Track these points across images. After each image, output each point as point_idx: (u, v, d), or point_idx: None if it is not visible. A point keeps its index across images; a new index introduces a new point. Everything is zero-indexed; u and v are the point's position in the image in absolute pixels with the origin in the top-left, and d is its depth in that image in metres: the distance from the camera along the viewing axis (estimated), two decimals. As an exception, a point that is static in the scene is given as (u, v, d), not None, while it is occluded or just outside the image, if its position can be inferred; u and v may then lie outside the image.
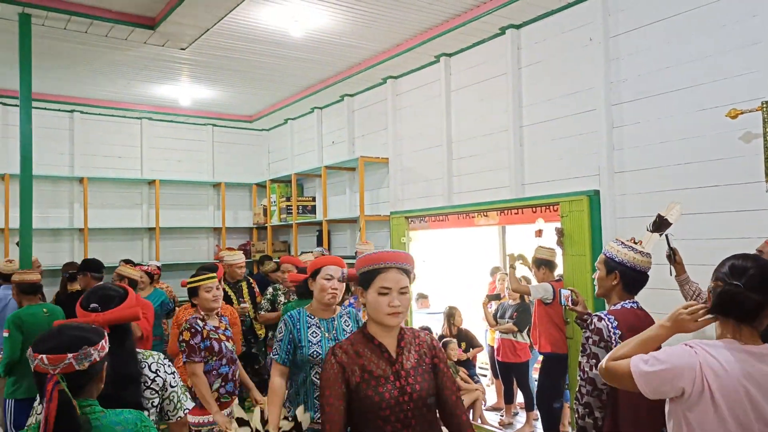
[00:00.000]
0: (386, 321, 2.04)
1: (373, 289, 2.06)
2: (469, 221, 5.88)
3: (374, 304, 2.05)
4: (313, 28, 5.41)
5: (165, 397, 2.32)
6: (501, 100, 5.48)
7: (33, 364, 1.68)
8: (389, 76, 6.76)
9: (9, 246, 7.04)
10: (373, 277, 2.06)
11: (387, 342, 2.10)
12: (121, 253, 7.79)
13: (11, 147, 7.21)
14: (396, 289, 2.03)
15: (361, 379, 2.02)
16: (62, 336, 1.73)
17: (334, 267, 3.01)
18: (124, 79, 7.02)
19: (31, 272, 4.32)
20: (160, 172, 8.54)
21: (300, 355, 2.86)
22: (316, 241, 8.04)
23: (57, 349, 1.68)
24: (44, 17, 5.01)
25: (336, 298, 2.99)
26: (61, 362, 1.65)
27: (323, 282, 2.97)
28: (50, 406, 1.59)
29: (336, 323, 3.01)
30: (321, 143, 8.19)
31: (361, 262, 2.13)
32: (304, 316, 2.98)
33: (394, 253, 2.12)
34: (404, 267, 2.09)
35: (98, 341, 1.77)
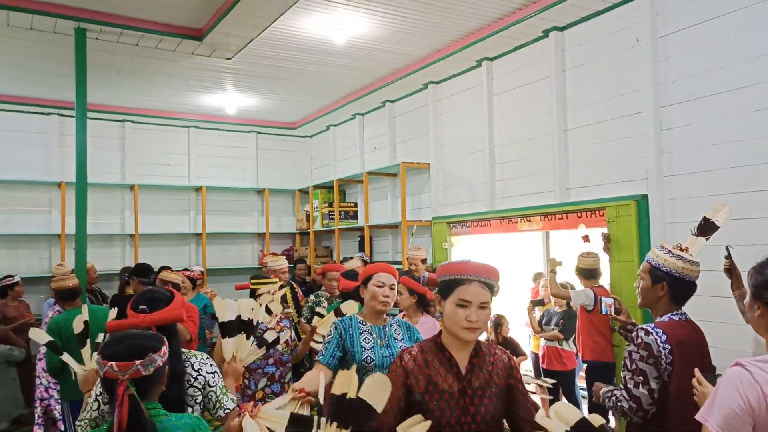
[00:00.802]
0: (461, 335, 1.93)
1: (451, 300, 1.94)
2: (511, 227, 5.81)
3: (451, 315, 1.94)
4: (356, 35, 5.46)
5: (205, 395, 2.41)
6: (544, 103, 5.40)
7: (102, 370, 1.76)
8: (430, 81, 6.76)
9: (66, 251, 7.35)
10: (453, 288, 1.95)
11: (459, 356, 1.98)
12: (169, 259, 8.01)
13: (67, 156, 7.54)
14: (476, 304, 1.92)
15: (425, 390, 1.93)
16: (128, 343, 1.81)
17: (386, 274, 2.97)
18: (172, 89, 7.25)
19: (68, 278, 4.41)
20: (207, 179, 8.77)
21: (353, 361, 2.81)
22: (358, 247, 8.08)
23: (124, 356, 1.76)
24: (98, 31, 5.23)
25: (387, 306, 2.93)
26: (129, 369, 1.74)
27: (375, 289, 2.93)
28: (122, 410, 1.68)
29: (388, 331, 2.96)
30: (363, 149, 8.24)
31: (443, 270, 2.02)
32: (356, 322, 2.95)
33: (480, 265, 1.99)
34: (488, 281, 1.96)
35: (160, 348, 1.86)
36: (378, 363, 2.81)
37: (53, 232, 7.55)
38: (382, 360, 2.82)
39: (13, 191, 7.48)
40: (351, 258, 6.54)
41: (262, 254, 8.87)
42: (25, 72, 6.44)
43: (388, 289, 2.92)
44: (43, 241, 7.62)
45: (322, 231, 8.55)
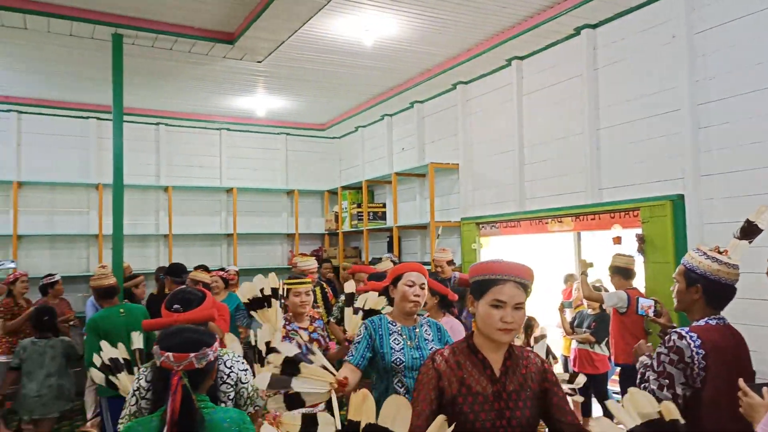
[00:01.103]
0: (495, 336, 1.87)
1: (485, 301, 1.89)
2: (542, 227, 5.74)
3: (485, 316, 1.88)
4: (384, 36, 5.48)
5: (237, 391, 2.49)
6: (576, 102, 5.33)
7: (158, 360, 1.86)
8: (459, 81, 6.73)
9: (103, 251, 7.54)
10: (487, 288, 1.90)
11: (492, 358, 1.92)
12: (202, 259, 8.14)
13: (105, 159, 7.74)
14: (511, 304, 1.86)
15: (458, 392, 1.86)
16: (185, 336, 1.93)
17: (416, 273, 2.91)
18: (204, 92, 7.38)
19: (106, 277, 4.53)
20: (238, 181, 8.89)
21: (382, 363, 2.76)
22: (387, 247, 8.09)
23: (181, 347, 1.87)
24: (134, 37, 5.36)
25: (418, 306, 2.87)
26: (184, 360, 1.86)
27: (405, 289, 2.86)
28: (175, 398, 1.78)
29: (418, 332, 2.88)
30: (391, 150, 8.26)
31: (476, 270, 1.97)
32: (386, 322, 2.88)
33: (514, 265, 1.94)
34: (523, 281, 1.91)
35: (213, 343, 1.96)
36: (408, 365, 2.75)
37: (91, 233, 7.76)
38: (411, 362, 2.76)
39: (54, 193, 7.72)
40: (380, 259, 6.56)
41: (291, 254, 8.96)
42: (65, 77, 6.64)
43: (419, 288, 2.87)
44: (82, 241, 7.83)
45: (350, 232, 8.59)
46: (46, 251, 7.60)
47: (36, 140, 7.68)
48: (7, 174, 7.40)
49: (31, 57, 5.95)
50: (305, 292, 3.75)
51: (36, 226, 7.55)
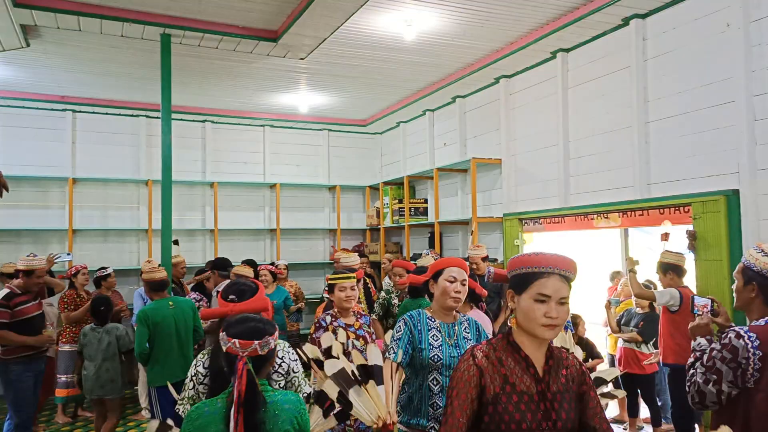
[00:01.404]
0: (539, 332, 1.78)
1: (528, 295, 1.80)
2: (587, 223, 5.62)
3: (528, 311, 1.79)
4: (426, 30, 5.45)
5: (288, 380, 2.65)
6: (624, 95, 5.18)
7: (225, 345, 2.00)
8: (502, 75, 6.64)
9: (152, 245, 7.80)
10: (530, 281, 1.80)
11: (535, 356, 1.83)
12: (246, 253, 8.32)
13: (154, 156, 7.99)
14: (555, 299, 1.77)
15: (501, 390, 1.77)
16: (250, 325, 2.05)
17: (457, 269, 2.86)
18: (249, 90, 7.51)
19: (157, 271, 4.69)
20: (281, 176, 9.03)
21: (419, 358, 2.70)
22: (428, 243, 8.08)
23: (246, 335, 2.00)
24: (181, 36, 5.50)
25: (459, 302, 2.82)
26: (249, 347, 1.99)
27: (446, 284, 2.81)
28: (241, 382, 1.92)
29: (457, 329, 2.82)
30: (433, 145, 8.23)
31: (517, 262, 1.88)
32: (425, 317, 2.82)
33: (559, 257, 1.84)
34: (567, 274, 1.81)
35: (274, 332, 2.09)
36: (445, 363, 2.70)
37: (141, 227, 8.03)
38: (449, 360, 2.70)
39: (106, 189, 8.02)
40: (421, 255, 6.55)
41: (333, 250, 9.05)
42: (116, 77, 6.87)
43: (460, 284, 2.82)
44: (133, 236, 8.12)
45: (392, 227, 8.61)
46: (99, 245, 7.91)
47: (89, 138, 7.99)
48: (63, 171, 7.72)
49: (85, 58, 6.18)
50: (350, 287, 3.68)
51: (90, 220, 7.87)
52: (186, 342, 4.54)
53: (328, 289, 3.76)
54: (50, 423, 6.01)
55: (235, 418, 1.87)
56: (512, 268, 1.90)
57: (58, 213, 7.69)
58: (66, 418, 6.08)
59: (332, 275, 3.80)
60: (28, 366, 4.53)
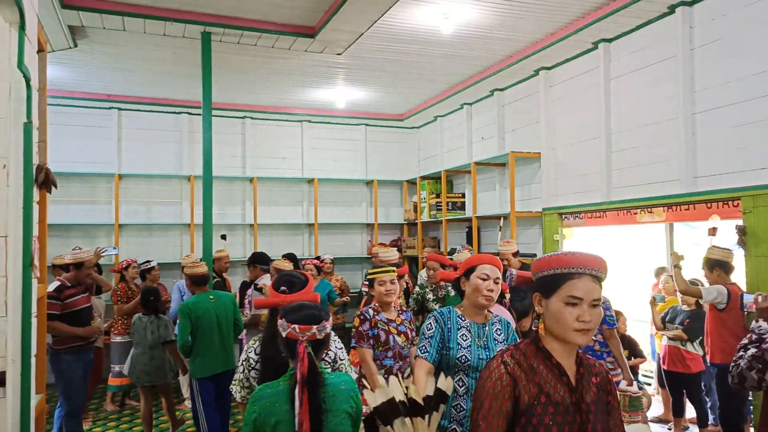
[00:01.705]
0: (571, 338, 1.67)
1: (558, 298, 1.68)
2: (630, 218, 5.48)
3: (558, 315, 1.68)
4: (463, 23, 5.39)
5: (335, 368, 2.77)
6: (670, 85, 5.01)
7: (285, 331, 2.13)
8: (542, 67, 6.51)
9: (195, 239, 7.98)
10: (559, 283, 1.69)
11: (566, 364, 1.73)
12: (285, 248, 8.43)
13: (196, 152, 8.17)
14: (588, 301, 1.65)
15: (536, 401, 1.66)
16: (307, 312, 2.19)
17: (490, 266, 2.76)
18: (287, 86, 7.59)
19: (200, 265, 4.79)
20: (318, 171, 9.10)
21: (447, 357, 2.62)
22: (466, 238, 8.02)
23: (305, 321, 2.14)
24: (221, 34, 5.59)
25: (491, 301, 2.72)
26: (308, 332, 2.12)
27: (478, 282, 2.71)
28: (303, 365, 2.05)
29: (488, 330, 2.72)
30: (471, 139, 8.15)
31: (543, 264, 1.76)
32: (455, 315, 2.73)
33: (589, 256, 1.73)
34: (599, 274, 1.71)
35: (328, 318, 2.22)
36: (473, 364, 2.60)
37: (184, 222, 8.23)
38: (477, 362, 2.61)
39: (151, 184, 8.24)
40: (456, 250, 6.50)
41: (370, 244, 9.08)
42: (159, 75, 7.05)
43: (492, 282, 2.72)
44: (176, 230, 8.33)
45: (429, 222, 8.58)
46: (143, 239, 8.15)
47: (134, 135, 8.23)
48: (109, 167, 7.98)
49: (129, 57, 6.36)
50: (390, 281, 3.61)
51: (135, 215, 8.11)
52: (227, 335, 4.62)
53: (368, 283, 3.71)
54: (99, 411, 6.25)
55: (300, 397, 2.01)
56: (538, 270, 1.79)
57: (105, 208, 7.95)
58: (114, 407, 6.31)
59: (372, 270, 3.75)
60: (77, 356, 4.70)
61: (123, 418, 6.07)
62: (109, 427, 5.77)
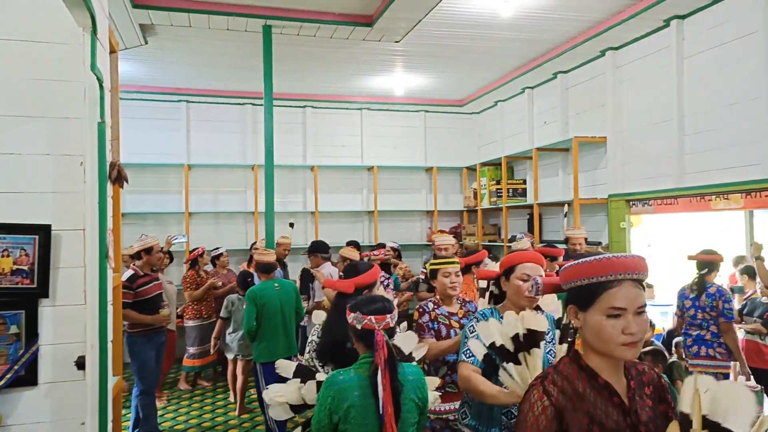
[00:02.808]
0: (618, 353, 1.49)
1: (597, 310, 1.50)
2: (704, 205, 5.20)
3: (599, 329, 1.49)
4: (524, 5, 5.24)
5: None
6: (750, 63, 4.69)
7: (361, 323, 2.25)
8: (608, 47, 6.24)
9: (258, 226, 8.22)
10: (596, 294, 1.51)
11: (614, 381, 1.54)
12: (346, 235, 8.55)
13: (259, 141, 8.38)
14: (632, 310, 1.47)
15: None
16: (379, 304, 2.32)
17: (531, 264, 2.57)
18: (346, 74, 7.64)
19: (267, 253, 4.94)
20: (378, 159, 9.14)
21: (493, 363, 2.41)
22: (527, 225, 7.86)
23: (379, 311, 2.27)
24: (282, 27, 5.68)
25: (534, 302, 2.54)
26: (383, 321, 2.25)
27: (519, 283, 2.53)
28: (383, 352, 2.18)
29: None
30: (532, 124, 7.94)
31: (575, 272, 1.57)
32: (497, 317, 2.55)
33: (627, 258, 1.52)
34: (640, 277, 1.52)
35: (394, 309, 2.36)
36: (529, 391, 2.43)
37: (248, 210, 8.49)
38: None
39: (217, 174, 8.54)
40: (515, 238, 6.38)
41: (430, 231, 9.06)
42: (224, 68, 7.25)
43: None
44: (241, 218, 8.60)
45: (489, 209, 8.46)
46: (211, 227, 8.47)
47: (202, 127, 8.53)
48: (179, 158, 8.31)
49: (195, 51, 6.58)
50: (455, 272, 3.44)
51: (203, 204, 8.43)
52: (290, 323, 4.76)
53: (429, 275, 3.57)
54: (173, 390, 6.59)
55: (384, 382, 2.13)
56: (569, 280, 1.59)
57: (175, 197, 8.29)
58: (187, 386, 6.65)
59: (434, 260, 3.62)
60: (149, 339, 4.97)
61: (195, 397, 6.38)
62: (182, 405, 6.09)
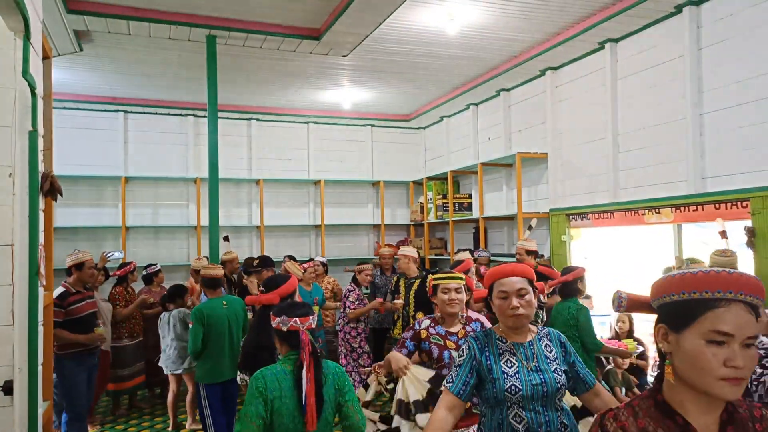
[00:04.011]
0: (716, 389, 1.22)
1: (696, 332, 1.24)
2: (638, 219, 5.44)
3: (696, 356, 1.23)
4: (469, 24, 5.37)
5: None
6: (677, 85, 4.97)
7: (287, 325, 2.48)
8: (548, 67, 6.48)
9: (201, 241, 8.00)
10: (698, 313, 1.25)
11: (701, 422, 1.27)
12: (291, 249, 8.45)
13: (202, 154, 8.19)
14: (740, 339, 1.21)
15: None
16: (302, 308, 2.57)
17: (507, 279, 2.27)
18: (292, 87, 7.59)
19: (215, 268, 4.75)
20: (325, 172, 9.10)
21: (494, 390, 2.17)
22: (473, 238, 8.00)
23: (303, 314, 2.52)
24: (227, 37, 5.59)
25: (523, 318, 2.23)
26: (306, 322, 2.50)
27: (499, 303, 2.27)
28: (307, 349, 2.42)
29: (536, 348, 2.25)
30: (477, 140, 8.12)
31: (670, 284, 1.32)
32: (494, 338, 2.28)
33: (741, 276, 1.25)
34: (755, 301, 1.25)
35: (314, 312, 2.61)
36: (526, 393, 2.14)
37: (190, 224, 8.25)
38: (531, 389, 2.14)
39: (157, 187, 8.27)
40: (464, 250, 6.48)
41: (377, 245, 9.07)
42: (165, 78, 7.06)
43: (515, 297, 2.23)
44: (182, 233, 8.34)
45: (436, 223, 8.56)
46: (150, 242, 8.17)
47: (140, 138, 8.25)
48: (115, 170, 8.00)
49: (134, 60, 6.37)
50: (455, 289, 3.13)
51: (141, 218, 8.14)
52: (237, 342, 4.56)
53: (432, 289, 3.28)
54: (106, 414, 6.26)
55: (308, 376, 2.36)
56: (664, 293, 1.33)
57: (111, 211, 7.97)
58: (122, 410, 6.33)
59: (436, 274, 3.30)
60: (79, 361, 4.68)
61: (131, 421, 6.09)
62: (117, 431, 5.79)
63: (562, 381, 2.20)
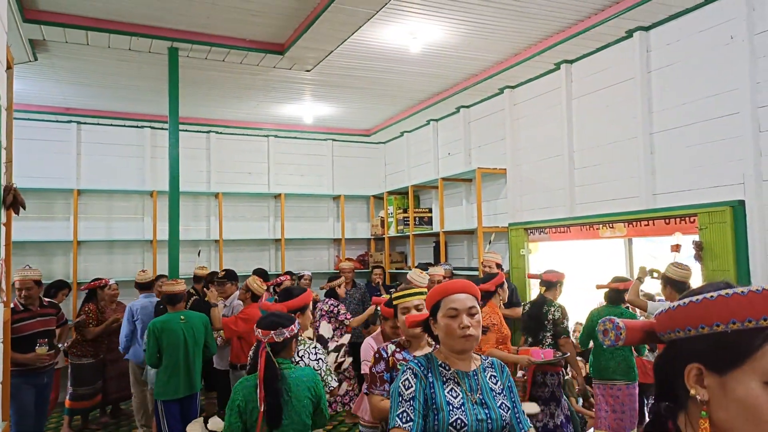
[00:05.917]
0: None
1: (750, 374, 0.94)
2: (593, 233, 5.64)
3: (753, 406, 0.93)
4: (431, 42, 5.49)
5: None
6: (628, 106, 5.21)
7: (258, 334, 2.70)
8: (506, 86, 6.68)
9: (157, 256, 7.81)
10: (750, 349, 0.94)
11: None
12: (251, 263, 8.34)
13: (159, 167, 8.02)
14: None
15: None
16: (269, 320, 2.73)
17: (458, 296, 2.04)
18: (254, 101, 7.55)
19: (177, 284, 4.68)
20: (285, 186, 9.06)
21: (435, 422, 1.92)
22: (433, 252, 8.09)
23: (265, 327, 2.69)
24: (189, 49, 5.54)
25: (473, 340, 2.00)
26: (267, 335, 2.66)
27: (447, 322, 2.01)
28: (261, 360, 2.60)
29: (480, 379, 2.03)
30: (437, 155, 8.26)
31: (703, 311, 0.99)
32: (436, 364, 2.03)
33: None
34: None
35: (289, 325, 2.73)
36: (471, 430, 1.90)
37: (146, 238, 8.04)
38: (476, 425, 1.91)
39: (111, 200, 8.04)
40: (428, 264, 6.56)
41: (337, 259, 9.06)
42: (122, 89, 6.91)
43: (466, 316, 2.00)
44: (138, 247, 8.12)
45: (396, 237, 8.63)
46: (103, 256, 7.92)
47: (94, 150, 8.02)
48: (67, 182, 7.75)
49: (91, 71, 6.22)
50: (416, 306, 2.82)
51: (94, 232, 7.88)
52: (193, 358, 4.50)
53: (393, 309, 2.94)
54: (57, 435, 6.01)
55: (260, 386, 2.57)
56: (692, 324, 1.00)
57: (62, 225, 7.70)
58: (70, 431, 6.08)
59: (397, 292, 2.95)
60: (26, 379, 4.50)
61: (83, 442, 5.86)
62: (68, 452, 5.56)
63: (507, 419, 1.97)
